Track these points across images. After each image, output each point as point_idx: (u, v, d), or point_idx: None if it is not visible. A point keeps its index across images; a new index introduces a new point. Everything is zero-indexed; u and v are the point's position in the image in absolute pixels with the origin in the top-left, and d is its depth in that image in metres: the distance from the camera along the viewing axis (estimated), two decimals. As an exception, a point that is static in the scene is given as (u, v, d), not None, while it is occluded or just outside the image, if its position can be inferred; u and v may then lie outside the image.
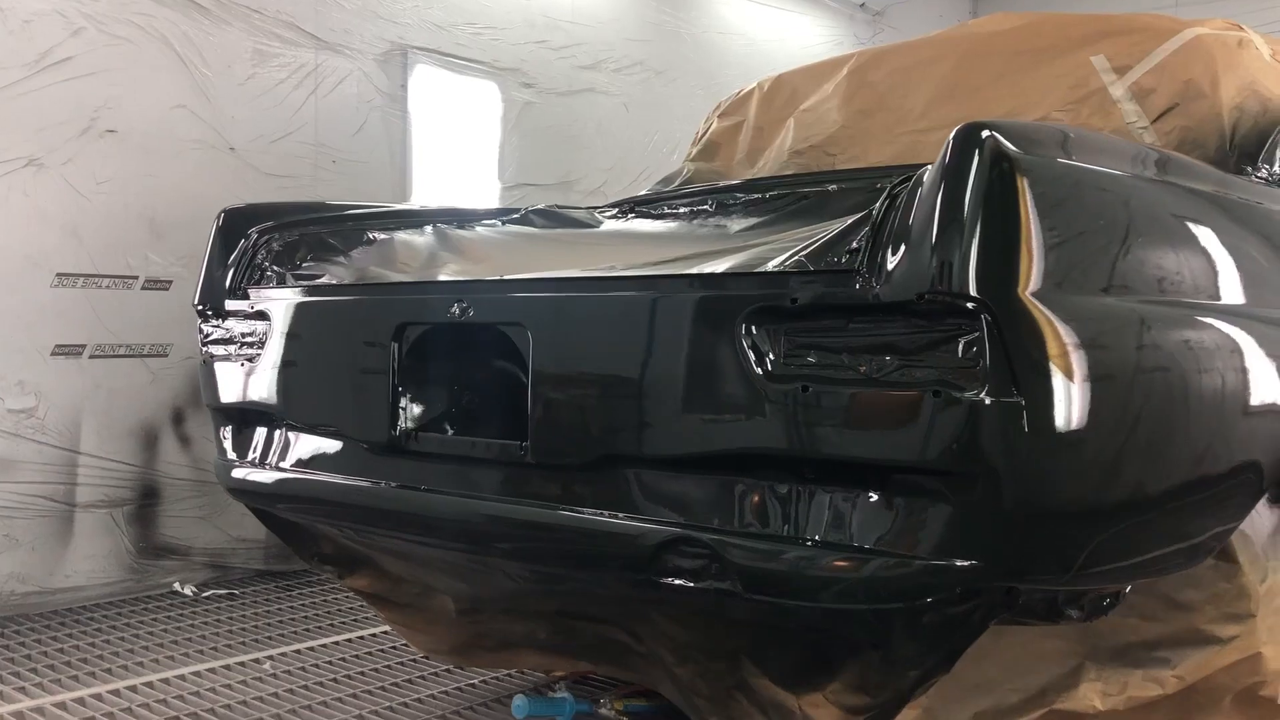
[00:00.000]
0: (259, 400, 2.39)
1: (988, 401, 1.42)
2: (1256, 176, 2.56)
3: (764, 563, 1.59)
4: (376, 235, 2.55)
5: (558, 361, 1.83)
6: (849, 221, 1.59)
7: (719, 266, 1.71)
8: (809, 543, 1.56)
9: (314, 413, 2.30)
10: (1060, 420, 1.47)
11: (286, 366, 2.33)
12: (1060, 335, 1.47)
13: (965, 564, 1.48)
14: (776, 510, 1.61)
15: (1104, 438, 1.52)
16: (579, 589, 2.01)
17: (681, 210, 2.79)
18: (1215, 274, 1.84)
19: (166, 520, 4.11)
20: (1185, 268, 1.74)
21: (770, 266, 1.61)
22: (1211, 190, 2.04)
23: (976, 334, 1.43)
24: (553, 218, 2.97)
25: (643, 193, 3.32)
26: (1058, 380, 1.47)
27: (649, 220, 2.86)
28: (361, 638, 3.47)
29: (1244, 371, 1.86)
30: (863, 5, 7.54)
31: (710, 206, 2.71)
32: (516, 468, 1.90)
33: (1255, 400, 1.93)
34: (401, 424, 2.07)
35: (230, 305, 2.47)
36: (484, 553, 2.01)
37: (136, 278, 4.03)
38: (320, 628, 3.60)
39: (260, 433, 2.45)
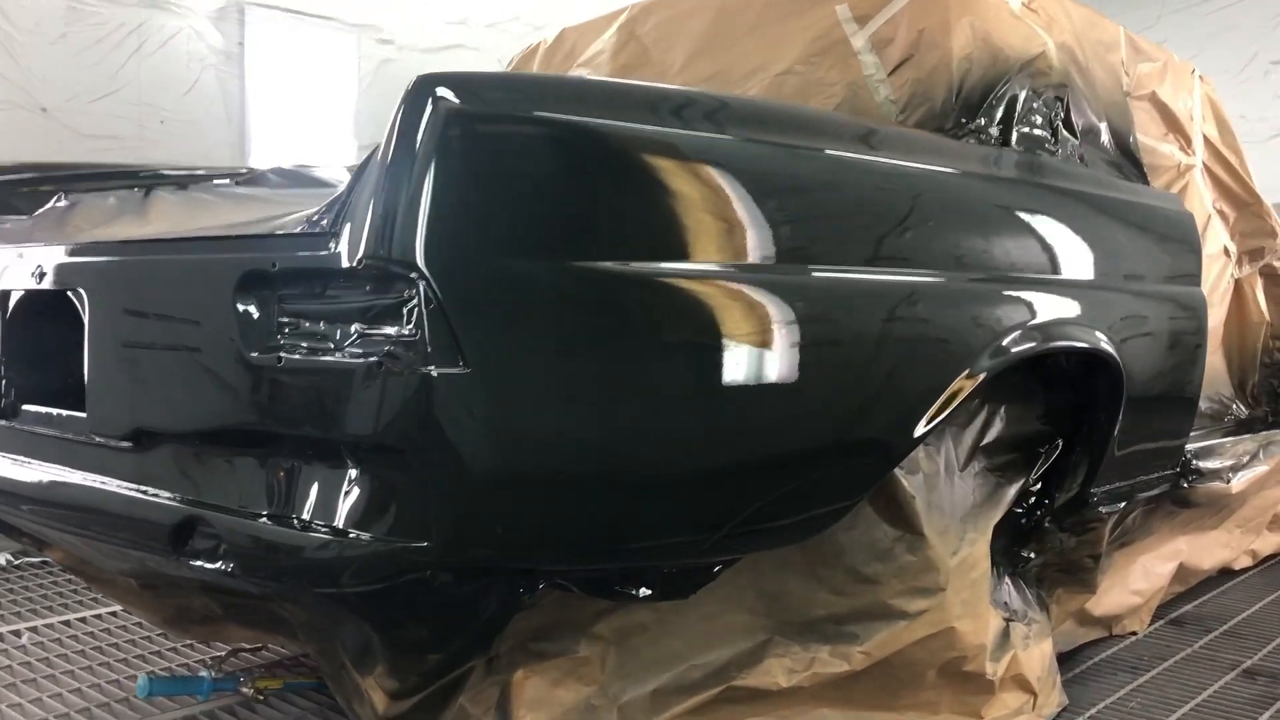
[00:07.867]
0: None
1: (435, 374, 1.33)
2: (972, 131, 2.44)
3: (250, 544, 1.51)
4: (66, 197, 2.45)
5: (104, 330, 1.74)
6: (348, 182, 1.49)
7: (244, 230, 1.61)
8: (285, 523, 1.48)
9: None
10: (527, 393, 1.38)
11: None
12: (523, 304, 1.37)
13: (418, 544, 1.39)
14: (267, 490, 1.52)
15: (588, 412, 1.42)
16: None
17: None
18: (760, 237, 1.63)
19: (-20, 488, 4.06)
20: (715, 230, 1.59)
21: (260, 229, 1.52)
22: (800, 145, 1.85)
23: (416, 302, 1.33)
24: (291, 177, 2.87)
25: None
26: (518, 351, 1.37)
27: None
28: (142, 608, 3.40)
29: (833, 344, 1.72)
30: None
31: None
32: (84, 442, 1.82)
33: (871, 376, 1.78)
34: (4, 396, 2.00)
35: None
36: (72, 530, 1.93)
37: (-61, 242, 3.95)
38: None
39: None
